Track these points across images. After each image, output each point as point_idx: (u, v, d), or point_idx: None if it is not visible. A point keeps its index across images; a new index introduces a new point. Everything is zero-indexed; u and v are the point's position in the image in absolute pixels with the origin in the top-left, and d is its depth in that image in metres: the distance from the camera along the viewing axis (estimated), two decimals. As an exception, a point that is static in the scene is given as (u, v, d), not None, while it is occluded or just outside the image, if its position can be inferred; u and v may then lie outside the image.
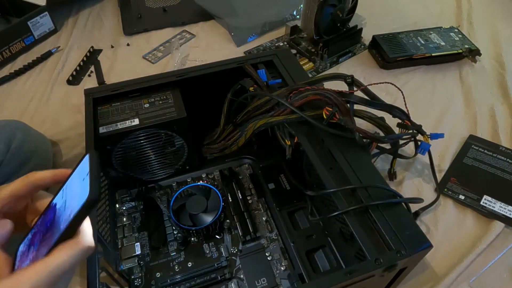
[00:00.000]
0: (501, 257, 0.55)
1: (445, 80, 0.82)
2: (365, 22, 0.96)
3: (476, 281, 0.53)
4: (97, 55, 0.89)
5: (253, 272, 0.50)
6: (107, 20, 1.00)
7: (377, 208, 0.41)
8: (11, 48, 0.87)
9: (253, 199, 0.58)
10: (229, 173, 0.61)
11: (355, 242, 0.40)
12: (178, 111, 0.53)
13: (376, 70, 0.85)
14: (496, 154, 0.67)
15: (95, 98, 0.54)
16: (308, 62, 0.85)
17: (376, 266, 0.37)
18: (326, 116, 0.48)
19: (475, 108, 0.76)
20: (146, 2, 1.04)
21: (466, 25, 0.96)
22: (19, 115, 0.76)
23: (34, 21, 0.89)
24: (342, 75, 0.54)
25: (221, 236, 0.53)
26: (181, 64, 0.85)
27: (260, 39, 0.93)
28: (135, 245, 0.52)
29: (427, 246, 0.39)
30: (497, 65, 0.85)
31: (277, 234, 0.54)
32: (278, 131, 0.52)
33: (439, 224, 0.59)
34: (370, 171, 0.45)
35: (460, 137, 0.71)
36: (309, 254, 0.50)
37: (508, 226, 0.58)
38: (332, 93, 0.49)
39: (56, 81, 0.83)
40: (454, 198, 0.61)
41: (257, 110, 0.53)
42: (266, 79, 0.56)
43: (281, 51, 0.62)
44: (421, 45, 0.85)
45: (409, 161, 0.66)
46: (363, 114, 0.52)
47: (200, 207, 0.52)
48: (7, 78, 0.83)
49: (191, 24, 0.98)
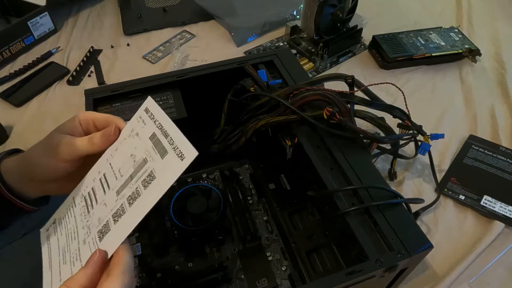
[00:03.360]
0: (501, 257, 0.55)
1: (445, 80, 0.82)
2: (365, 22, 0.96)
3: (476, 281, 0.53)
4: (97, 55, 0.89)
5: (253, 273, 0.50)
6: (107, 20, 1.00)
7: (377, 208, 0.41)
8: (11, 48, 0.87)
9: (253, 199, 0.58)
10: (229, 173, 0.61)
11: (355, 243, 0.40)
12: (178, 111, 0.53)
13: (376, 70, 0.85)
14: (496, 154, 0.67)
15: (96, 99, 0.54)
16: (308, 62, 0.85)
17: (377, 266, 0.37)
18: (326, 117, 0.48)
19: (475, 108, 0.76)
20: (146, 2, 1.04)
21: (466, 25, 0.96)
22: (19, 115, 0.76)
23: (34, 21, 0.89)
24: (342, 75, 0.54)
25: (222, 236, 0.53)
26: (181, 64, 0.85)
27: (260, 39, 0.93)
28: (136, 246, 0.52)
29: (428, 246, 0.39)
30: (497, 65, 0.85)
31: (277, 234, 0.54)
32: (278, 131, 0.52)
33: (439, 224, 0.59)
34: (371, 172, 0.45)
35: (460, 137, 0.71)
36: (309, 255, 0.50)
37: (508, 226, 0.58)
38: (333, 94, 0.49)
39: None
40: (454, 198, 0.61)
41: (258, 110, 0.53)
42: (267, 79, 0.56)
43: (281, 51, 0.62)
44: (421, 45, 0.85)
45: (409, 161, 0.66)
46: (363, 114, 0.52)
47: (200, 207, 0.52)
48: (7, 78, 0.83)
49: (191, 24, 0.98)
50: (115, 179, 0.35)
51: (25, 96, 0.79)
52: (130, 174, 0.34)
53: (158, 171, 0.32)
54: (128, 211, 0.32)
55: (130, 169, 0.34)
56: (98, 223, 0.33)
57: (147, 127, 0.35)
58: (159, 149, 0.33)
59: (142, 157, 0.34)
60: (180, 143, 0.32)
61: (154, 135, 0.34)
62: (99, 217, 0.34)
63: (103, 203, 0.34)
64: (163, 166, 0.32)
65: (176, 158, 0.31)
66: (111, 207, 0.33)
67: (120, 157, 0.36)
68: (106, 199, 0.34)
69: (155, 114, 0.35)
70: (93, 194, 0.36)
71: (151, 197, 0.31)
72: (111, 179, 0.35)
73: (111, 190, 0.35)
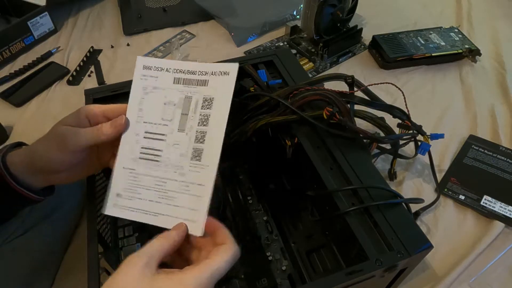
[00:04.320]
0: (501, 257, 0.55)
1: (445, 80, 0.82)
2: (365, 22, 0.96)
3: (476, 281, 0.53)
4: (97, 55, 0.89)
5: (253, 272, 0.50)
6: (107, 20, 1.00)
7: (377, 208, 0.41)
8: (11, 48, 0.87)
9: (253, 199, 0.58)
10: (229, 173, 0.61)
11: (355, 243, 0.40)
12: (178, 111, 0.53)
13: (376, 70, 0.85)
14: (496, 154, 0.67)
15: (96, 99, 0.54)
16: (308, 62, 0.85)
17: (377, 266, 0.37)
18: (326, 117, 0.48)
19: (475, 108, 0.76)
20: (146, 2, 1.04)
21: (466, 25, 0.96)
22: (19, 115, 0.76)
23: (34, 21, 0.89)
24: (342, 75, 0.54)
25: (222, 236, 0.53)
26: (181, 64, 0.85)
27: (260, 39, 0.93)
28: (136, 246, 0.52)
29: (428, 246, 0.39)
30: (497, 65, 0.85)
31: (277, 234, 0.54)
32: (278, 131, 0.52)
33: (439, 224, 0.59)
34: (371, 171, 0.45)
35: (460, 137, 0.71)
36: (309, 254, 0.50)
37: (508, 226, 0.58)
38: (333, 93, 0.49)
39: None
40: (454, 198, 0.61)
41: (258, 110, 0.53)
42: (267, 79, 0.56)
43: (281, 51, 0.62)
44: (421, 45, 0.85)
45: (409, 161, 0.66)
46: (363, 114, 0.52)
47: (200, 208, 0.52)
48: (7, 78, 0.83)
49: (191, 24, 0.98)
50: (165, 126, 0.39)
51: (25, 96, 0.79)
52: (180, 113, 0.38)
53: (212, 93, 0.37)
54: (208, 130, 0.37)
55: (176, 111, 0.39)
56: (182, 157, 0.38)
57: (162, 77, 0.39)
58: (196, 83, 0.38)
59: (181, 97, 0.38)
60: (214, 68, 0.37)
61: (177, 79, 0.39)
62: (180, 153, 0.38)
63: (171, 145, 0.38)
64: (213, 88, 0.37)
65: (221, 78, 0.37)
66: (185, 140, 0.38)
67: (152, 113, 0.40)
68: (172, 141, 0.38)
69: (159, 65, 0.40)
70: (148, 150, 0.39)
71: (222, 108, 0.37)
72: (160, 129, 0.39)
73: (169, 134, 0.39)
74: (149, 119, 0.40)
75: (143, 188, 0.39)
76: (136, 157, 0.40)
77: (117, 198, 0.40)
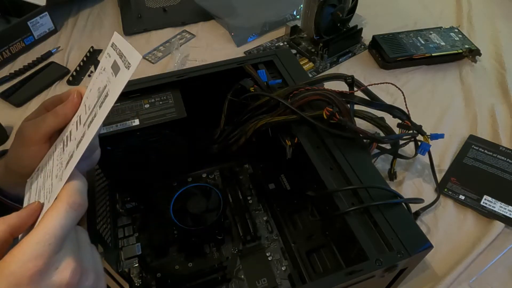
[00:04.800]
0: (501, 257, 0.55)
1: (445, 80, 0.82)
2: (365, 22, 0.96)
3: (476, 281, 0.53)
4: (97, 55, 0.89)
5: (253, 272, 0.50)
6: (107, 20, 1.00)
7: (377, 208, 0.41)
8: (11, 48, 0.87)
9: (253, 199, 0.58)
10: (229, 173, 0.61)
11: (355, 243, 0.40)
12: (178, 111, 0.53)
13: (376, 70, 0.85)
14: (496, 154, 0.67)
15: (95, 99, 0.54)
16: (308, 62, 0.85)
17: (377, 266, 0.37)
18: (326, 117, 0.48)
19: (475, 108, 0.76)
20: (146, 2, 1.04)
21: (466, 25, 0.96)
22: (19, 115, 0.76)
23: (34, 21, 0.89)
24: (342, 75, 0.54)
25: (222, 236, 0.53)
26: (181, 64, 0.85)
27: (260, 39, 0.93)
28: (136, 246, 0.52)
29: (428, 246, 0.39)
30: (497, 65, 0.85)
31: (277, 234, 0.54)
32: (278, 131, 0.52)
33: (439, 224, 0.59)
34: (371, 171, 0.45)
35: (460, 137, 0.71)
36: (309, 254, 0.50)
37: (508, 226, 0.58)
38: (333, 93, 0.49)
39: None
40: (454, 198, 0.61)
41: (258, 110, 0.53)
42: (266, 79, 0.56)
43: (281, 51, 0.62)
44: (421, 45, 0.85)
45: (409, 161, 0.66)
46: (363, 114, 0.52)
47: (200, 207, 0.52)
48: (7, 78, 0.83)
49: (191, 24, 0.98)
50: (85, 115, 0.35)
51: (25, 96, 0.79)
52: (94, 103, 0.34)
53: (111, 89, 0.32)
54: (86, 134, 0.32)
55: (95, 99, 0.34)
56: (68, 156, 0.34)
57: (111, 59, 0.35)
58: (115, 70, 0.33)
59: (104, 85, 0.34)
60: (127, 53, 0.32)
61: (115, 62, 0.34)
62: (69, 151, 0.34)
63: (74, 139, 0.35)
64: (115, 82, 0.32)
65: (124, 70, 0.31)
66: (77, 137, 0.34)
67: (91, 95, 0.36)
68: (76, 134, 0.35)
69: (118, 45, 0.35)
70: (69, 135, 0.36)
71: (103, 112, 0.31)
72: (83, 116, 0.35)
73: (81, 125, 0.35)
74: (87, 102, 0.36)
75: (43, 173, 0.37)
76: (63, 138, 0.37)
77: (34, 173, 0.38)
